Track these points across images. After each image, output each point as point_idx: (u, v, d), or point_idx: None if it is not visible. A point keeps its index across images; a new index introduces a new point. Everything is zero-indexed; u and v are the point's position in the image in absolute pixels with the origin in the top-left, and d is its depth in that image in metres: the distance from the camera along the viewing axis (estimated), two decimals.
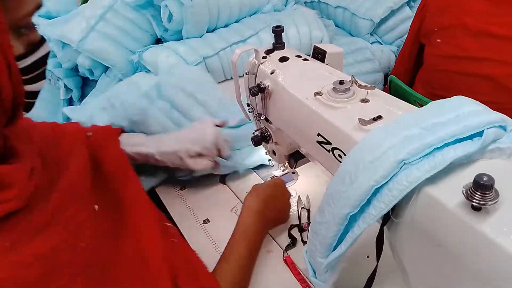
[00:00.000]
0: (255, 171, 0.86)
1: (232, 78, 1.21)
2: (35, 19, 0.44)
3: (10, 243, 0.39)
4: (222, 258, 0.61)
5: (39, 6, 0.43)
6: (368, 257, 0.63)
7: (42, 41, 0.45)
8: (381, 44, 1.45)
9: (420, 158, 0.37)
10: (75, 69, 1.26)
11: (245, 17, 1.25)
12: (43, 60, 0.46)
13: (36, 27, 0.45)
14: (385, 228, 0.43)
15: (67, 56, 1.19)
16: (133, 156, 0.75)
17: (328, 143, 0.50)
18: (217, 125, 0.80)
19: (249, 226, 0.65)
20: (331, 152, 0.50)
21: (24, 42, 0.43)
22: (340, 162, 0.49)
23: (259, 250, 0.66)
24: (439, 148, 0.37)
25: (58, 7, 1.37)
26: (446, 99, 0.44)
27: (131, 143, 0.75)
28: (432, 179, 0.37)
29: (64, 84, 1.26)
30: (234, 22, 1.24)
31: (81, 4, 1.42)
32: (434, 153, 0.37)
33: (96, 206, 0.50)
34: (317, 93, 0.53)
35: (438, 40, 1.09)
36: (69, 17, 1.21)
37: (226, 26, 1.22)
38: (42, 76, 0.46)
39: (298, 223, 0.73)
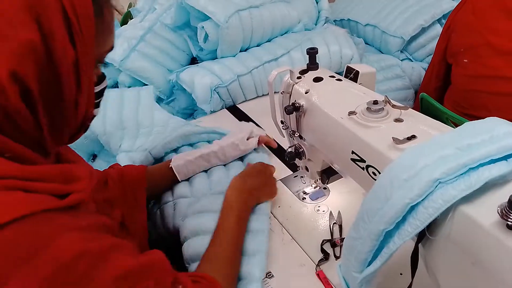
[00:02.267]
0: (286, 186, 0.88)
1: (263, 95, 1.26)
2: None
3: (89, 222, 0.44)
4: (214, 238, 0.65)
5: (112, 47, 0.51)
6: (401, 274, 0.63)
7: (104, 76, 0.52)
8: (412, 61, 1.46)
9: (455, 177, 0.38)
10: (115, 86, 1.34)
11: (277, 37, 1.30)
12: (102, 92, 0.52)
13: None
14: (419, 245, 0.44)
15: (109, 74, 1.27)
16: (194, 168, 0.86)
17: (362, 161, 0.52)
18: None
19: (233, 201, 0.70)
20: (365, 169, 0.52)
21: (95, 74, 0.49)
22: (375, 179, 0.50)
23: (246, 221, 0.71)
24: (474, 168, 0.38)
25: None
26: (480, 120, 0.45)
27: (190, 153, 0.87)
28: (468, 198, 0.38)
29: None
30: (266, 42, 1.28)
31: (121, 25, 1.52)
32: (469, 173, 0.38)
33: None
34: (351, 113, 0.55)
35: (465, 60, 1.09)
36: None
37: (258, 45, 1.27)
38: (98, 105, 0.52)
39: (330, 238, 0.74)
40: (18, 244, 0.36)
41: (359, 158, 0.53)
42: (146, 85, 1.26)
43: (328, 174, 0.75)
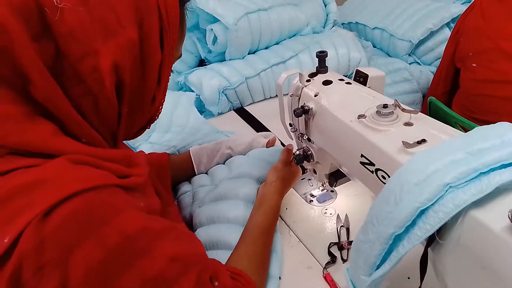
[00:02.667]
0: (293, 188, 0.88)
1: (270, 97, 1.26)
2: None
3: (144, 204, 0.47)
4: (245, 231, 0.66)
5: (181, 55, 0.57)
6: (409, 278, 0.63)
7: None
8: (420, 65, 1.45)
9: (466, 182, 0.38)
10: None
11: (285, 39, 1.30)
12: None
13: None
14: (428, 249, 0.44)
15: None
16: (208, 154, 0.88)
17: (372, 164, 0.52)
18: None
19: (266, 198, 0.71)
20: (374, 173, 0.52)
21: None
22: (384, 183, 0.51)
23: (278, 214, 0.72)
24: (485, 173, 0.38)
25: None
26: (491, 125, 0.45)
27: (210, 145, 0.90)
28: (478, 203, 0.38)
29: None
30: (275, 44, 1.29)
31: None
32: (480, 177, 0.38)
33: None
34: (361, 116, 0.55)
35: (474, 65, 1.09)
36: None
37: (266, 48, 1.28)
38: None
39: (337, 241, 0.74)
40: (87, 213, 0.38)
41: (368, 162, 0.53)
42: None
43: (336, 177, 0.75)
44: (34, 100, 0.40)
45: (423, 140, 0.48)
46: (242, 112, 1.21)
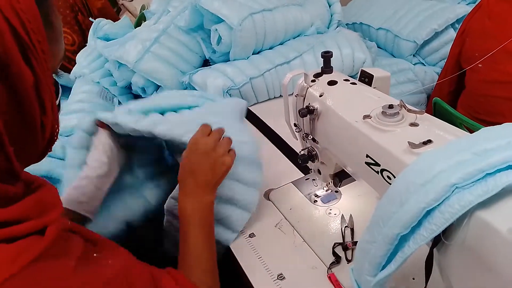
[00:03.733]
0: (298, 188, 0.89)
1: (274, 97, 1.26)
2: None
3: (75, 262, 0.41)
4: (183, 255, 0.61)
5: (64, 54, 0.47)
6: (413, 279, 0.63)
7: (58, 87, 0.48)
8: (424, 65, 1.45)
9: (472, 183, 0.38)
10: (128, 87, 1.36)
11: (289, 40, 1.30)
12: (59, 105, 0.48)
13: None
14: (434, 250, 0.44)
15: (122, 75, 1.28)
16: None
17: (377, 164, 0.52)
18: None
19: (188, 214, 0.63)
20: (379, 173, 0.52)
21: None
22: (389, 183, 0.51)
23: (211, 222, 0.64)
24: (491, 174, 0.38)
25: (114, 30, 1.49)
26: (497, 125, 0.45)
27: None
28: (484, 204, 0.38)
29: (119, 101, 1.35)
30: (279, 45, 1.29)
31: (135, 27, 1.54)
32: (486, 178, 0.38)
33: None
34: (366, 116, 0.55)
35: (480, 65, 1.09)
36: (125, 40, 1.31)
37: (271, 48, 1.28)
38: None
39: (341, 241, 0.74)
40: None
41: (373, 162, 0.53)
42: (159, 86, 1.27)
43: (340, 177, 0.75)
44: None
45: (429, 141, 0.48)
46: (246, 112, 1.21)
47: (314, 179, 0.86)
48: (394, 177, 0.50)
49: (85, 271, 0.41)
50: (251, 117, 1.18)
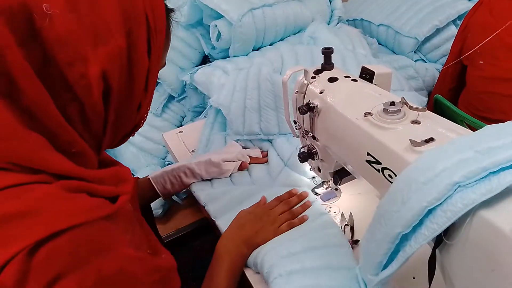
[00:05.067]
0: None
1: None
2: None
3: (130, 236, 0.47)
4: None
5: (165, 64, 0.57)
6: (414, 278, 0.63)
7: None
8: (425, 62, 1.44)
9: (475, 181, 0.38)
10: None
11: (289, 36, 1.29)
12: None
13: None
14: (436, 250, 0.43)
15: None
16: (171, 178, 0.87)
17: (378, 162, 0.51)
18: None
19: (223, 252, 0.69)
20: (380, 171, 0.51)
21: None
22: (390, 182, 0.50)
23: (238, 272, 0.69)
24: (495, 172, 0.38)
25: None
26: (500, 123, 0.44)
27: (169, 166, 0.90)
28: (487, 203, 0.37)
29: None
30: (279, 41, 1.28)
31: None
32: (489, 177, 0.37)
33: None
34: (367, 114, 0.55)
35: (481, 62, 1.08)
36: None
37: (271, 44, 1.27)
38: None
39: None
40: (70, 253, 0.38)
41: (374, 160, 0.52)
42: (158, 82, 1.26)
43: (340, 175, 0.74)
44: (21, 107, 0.39)
45: (431, 139, 0.47)
46: None
47: (314, 177, 0.86)
48: (396, 175, 0.49)
49: (135, 251, 0.46)
50: None
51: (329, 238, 0.69)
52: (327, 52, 0.66)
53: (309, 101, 0.65)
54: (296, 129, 0.75)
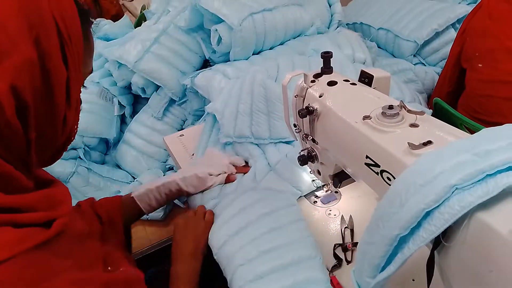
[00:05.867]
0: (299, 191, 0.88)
1: None
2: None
3: (72, 261, 0.44)
4: None
5: (92, 70, 0.54)
6: (413, 280, 0.63)
7: (80, 101, 0.53)
8: (425, 66, 1.44)
9: (473, 184, 0.38)
10: (128, 87, 1.36)
11: (289, 40, 1.30)
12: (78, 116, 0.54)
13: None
14: (434, 252, 0.43)
15: (122, 75, 1.28)
16: (156, 196, 0.84)
17: (377, 165, 0.52)
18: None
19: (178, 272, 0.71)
20: (379, 174, 0.52)
21: None
22: (389, 184, 0.50)
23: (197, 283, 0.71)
24: (492, 175, 0.38)
25: (114, 30, 1.49)
26: (498, 126, 0.44)
27: (152, 183, 0.86)
28: (485, 205, 0.38)
29: (118, 101, 1.35)
30: (279, 45, 1.28)
31: (135, 27, 1.53)
32: (486, 179, 0.38)
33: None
34: (366, 117, 0.55)
35: (480, 65, 1.08)
36: (125, 40, 1.31)
37: (271, 48, 1.27)
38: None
39: (341, 242, 0.74)
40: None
41: (373, 163, 0.53)
42: (159, 86, 1.27)
43: (340, 178, 0.75)
44: None
45: (429, 142, 0.47)
46: None
47: (313, 180, 0.86)
48: (394, 178, 0.49)
49: (81, 273, 0.43)
50: None
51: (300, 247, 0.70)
52: (326, 56, 0.66)
53: (309, 104, 0.65)
54: (296, 132, 0.75)
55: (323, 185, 0.85)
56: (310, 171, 0.81)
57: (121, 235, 0.73)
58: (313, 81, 0.67)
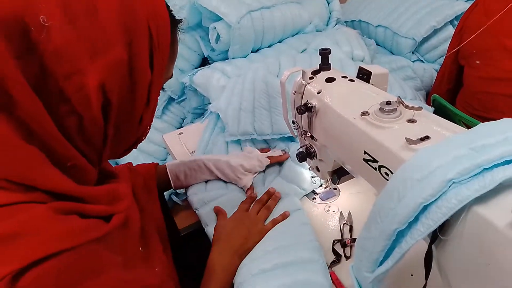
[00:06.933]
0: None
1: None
2: None
3: (123, 259, 0.46)
4: None
5: (172, 75, 0.56)
6: (412, 275, 0.63)
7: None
8: (423, 63, 1.45)
9: (469, 178, 0.38)
10: None
11: (288, 38, 1.30)
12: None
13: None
14: (432, 246, 0.44)
15: None
16: (185, 170, 0.86)
17: (375, 161, 0.52)
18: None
19: (215, 265, 0.68)
20: (377, 170, 0.52)
21: None
22: (387, 180, 0.51)
23: (230, 283, 0.68)
24: (489, 169, 0.38)
25: None
26: (494, 121, 0.45)
27: (186, 160, 0.88)
28: (481, 199, 0.38)
29: None
30: (278, 42, 1.29)
31: None
32: (483, 173, 0.38)
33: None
34: (364, 113, 0.55)
35: (477, 62, 1.09)
36: None
37: (269, 46, 1.28)
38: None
39: (340, 238, 0.74)
40: (55, 280, 0.37)
41: (371, 159, 0.53)
42: None
43: (339, 175, 0.75)
44: (17, 121, 0.38)
45: (427, 137, 0.48)
46: None
47: (312, 177, 0.86)
48: (392, 173, 0.50)
49: (126, 273, 0.45)
50: None
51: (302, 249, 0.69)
52: (324, 53, 0.66)
53: (307, 101, 0.65)
54: (294, 129, 0.75)
55: (321, 185, 0.85)
56: (309, 168, 0.82)
57: (157, 203, 0.75)
58: (311, 78, 0.68)
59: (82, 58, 0.39)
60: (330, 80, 0.66)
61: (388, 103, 0.54)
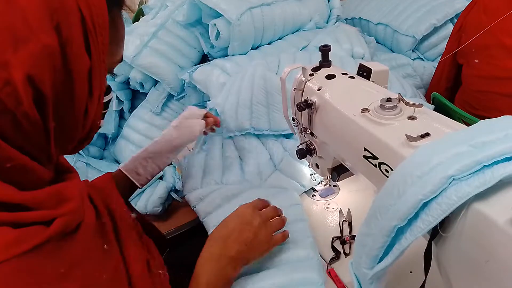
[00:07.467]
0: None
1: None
2: None
3: (65, 270, 0.41)
4: None
5: (121, 59, 0.52)
6: (411, 272, 0.63)
7: (109, 89, 0.52)
8: (423, 61, 1.45)
9: (469, 174, 0.38)
10: (126, 82, 1.35)
11: (288, 35, 1.30)
12: (107, 104, 0.52)
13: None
14: (432, 243, 0.44)
15: (120, 70, 1.28)
16: (141, 162, 0.79)
17: (375, 158, 0.52)
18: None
19: (202, 274, 0.58)
20: (377, 166, 0.52)
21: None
22: (387, 176, 0.51)
23: None
24: (489, 166, 0.38)
25: None
26: (494, 118, 0.45)
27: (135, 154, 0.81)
28: (481, 196, 0.38)
29: (117, 96, 1.35)
30: (277, 40, 1.28)
31: (133, 22, 1.53)
32: (483, 170, 0.38)
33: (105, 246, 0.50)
34: (364, 110, 0.55)
35: (476, 61, 1.09)
36: None
37: (269, 43, 1.27)
38: (103, 117, 0.53)
39: (340, 235, 0.74)
40: None
41: (371, 155, 0.53)
42: (158, 81, 1.27)
43: (338, 172, 0.75)
44: None
45: (427, 134, 0.48)
46: None
47: (312, 174, 0.86)
48: (392, 170, 0.50)
49: (74, 277, 0.41)
50: None
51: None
52: (325, 50, 0.66)
53: (307, 98, 0.65)
54: (294, 126, 0.75)
55: (321, 182, 0.85)
56: (309, 165, 0.82)
57: (124, 207, 0.63)
58: (311, 75, 0.68)
59: (4, 50, 0.35)
60: (330, 77, 0.66)
61: (389, 100, 0.54)
